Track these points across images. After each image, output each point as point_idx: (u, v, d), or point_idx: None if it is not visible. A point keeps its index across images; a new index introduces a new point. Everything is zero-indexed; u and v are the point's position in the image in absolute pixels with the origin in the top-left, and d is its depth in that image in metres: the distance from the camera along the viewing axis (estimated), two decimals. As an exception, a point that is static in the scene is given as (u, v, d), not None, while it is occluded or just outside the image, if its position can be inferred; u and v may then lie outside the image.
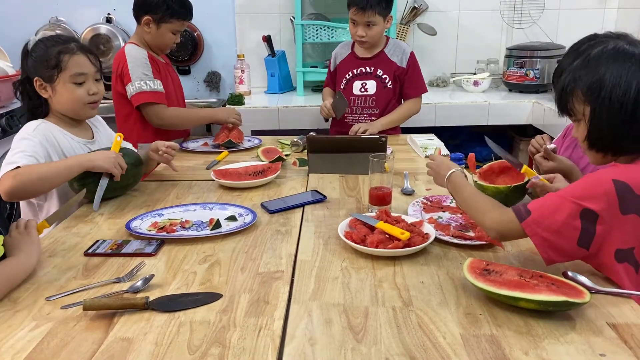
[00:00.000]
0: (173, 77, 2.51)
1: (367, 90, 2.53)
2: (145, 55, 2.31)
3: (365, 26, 2.36)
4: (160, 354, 0.95)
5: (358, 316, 1.06)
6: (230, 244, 1.40)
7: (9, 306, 1.11)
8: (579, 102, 1.17)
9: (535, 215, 1.12)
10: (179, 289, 1.18)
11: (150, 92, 2.28)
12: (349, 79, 2.54)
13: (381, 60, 2.50)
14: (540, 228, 1.12)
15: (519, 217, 1.14)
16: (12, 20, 3.36)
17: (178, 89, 2.54)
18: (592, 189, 1.10)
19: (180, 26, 2.36)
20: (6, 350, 0.97)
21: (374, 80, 2.52)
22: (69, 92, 1.69)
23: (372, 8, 2.30)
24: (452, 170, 1.39)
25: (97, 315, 1.07)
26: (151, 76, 2.29)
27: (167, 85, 2.40)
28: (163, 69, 2.40)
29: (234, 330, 1.02)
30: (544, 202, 1.14)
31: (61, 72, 1.67)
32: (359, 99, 2.54)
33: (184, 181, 1.93)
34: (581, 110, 1.17)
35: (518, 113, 3.09)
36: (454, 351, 0.95)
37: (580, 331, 1.00)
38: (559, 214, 1.10)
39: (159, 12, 2.29)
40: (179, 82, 2.59)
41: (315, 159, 1.99)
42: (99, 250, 1.36)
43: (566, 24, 3.45)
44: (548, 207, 1.12)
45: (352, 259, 1.31)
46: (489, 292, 1.07)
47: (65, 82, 1.68)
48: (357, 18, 2.35)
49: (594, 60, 1.15)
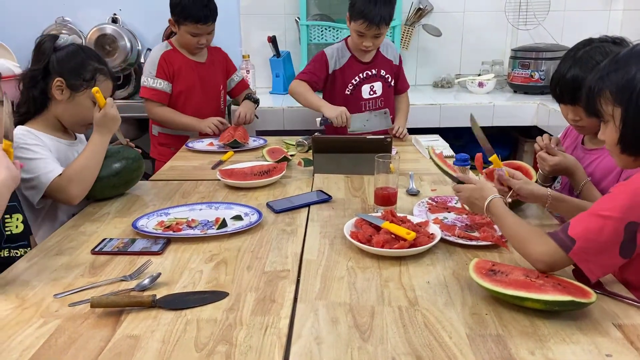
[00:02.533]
0: (205, 73, 2.61)
1: (376, 92, 2.55)
2: (159, 54, 2.51)
3: (373, 37, 2.36)
4: (168, 352, 0.96)
5: (364, 315, 1.06)
6: (236, 243, 1.40)
7: (17, 303, 1.12)
8: (608, 102, 1.13)
9: (581, 244, 1.07)
10: (186, 287, 1.18)
11: (147, 88, 2.51)
12: (356, 84, 2.52)
13: (380, 61, 2.54)
14: (589, 254, 1.07)
15: (564, 248, 1.08)
16: (19, 20, 3.37)
17: (205, 85, 2.61)
18: (634, 200, 1.05)
19: (195, 29, 2.43)
20: (15, 347, 0.97)
21: (380, 82, 2.54)
22: (84, 108, 1.70)
23: (384, 22, 2.31)
24: (489, 199, 1.28)
25: (105, 312, 1.08)
26: (154, 74, 2.50)
27: (184, 81, 2.54)
28: (183, 67, 2.53)
29: (241, 328, 1.02)
30: (586, 226, 1.08)
31: (89, 89, 1.68)
32: (369, 102, 2.54)
33: (190, 181, 1.93)
34: (610, 111, 1.13)
35: (523, 114, 3.09)
36: (460, 351, 0.95)
37: (586, 331, 1.00)
38: (603, 234, 1.06)
39: (175, 13, 2.43)
40: (216, 79, 2.67)
41: (321, 159, 1.99)
42: (106, 248, 1.36)
43: (571, 25, 3.45)
44: (592, 230, 1.07)
45: (357, 259, 1.31)
46: (495, 292, 1.08)
47: (87, 98, 1.70)
48: (367, 31, 2.33)
49: (622, 60, 1.12)
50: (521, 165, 1.67)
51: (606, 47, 1.46)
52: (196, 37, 2.47)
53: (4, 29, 3.31)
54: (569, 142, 1.72)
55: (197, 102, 2.60)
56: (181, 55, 2.56)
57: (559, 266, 1.12)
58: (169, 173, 2.07)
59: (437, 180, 1.89)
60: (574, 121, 1.56)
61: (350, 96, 2.51)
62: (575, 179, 1.52)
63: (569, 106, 1.54)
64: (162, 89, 2.51)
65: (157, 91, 2.51)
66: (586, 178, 1.50)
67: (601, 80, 1.14)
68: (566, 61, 1.51)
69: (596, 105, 1.17)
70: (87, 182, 1.64)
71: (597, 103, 1.16)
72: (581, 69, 1.45)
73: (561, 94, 1.53)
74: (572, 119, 1.56)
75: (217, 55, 2.72)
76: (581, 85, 1.36)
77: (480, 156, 1.65)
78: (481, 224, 1.46)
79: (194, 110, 2.58)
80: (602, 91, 1.14)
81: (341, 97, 2.52)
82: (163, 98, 2.53)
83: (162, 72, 2.51)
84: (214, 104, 2.70)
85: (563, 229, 1.11)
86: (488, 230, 1.40)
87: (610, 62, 1.15)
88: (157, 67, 2.50)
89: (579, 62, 1.47)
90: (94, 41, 3.30)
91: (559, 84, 1.52)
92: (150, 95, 2.51)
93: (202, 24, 2.42)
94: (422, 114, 3.02)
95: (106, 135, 1.71)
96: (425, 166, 2.07)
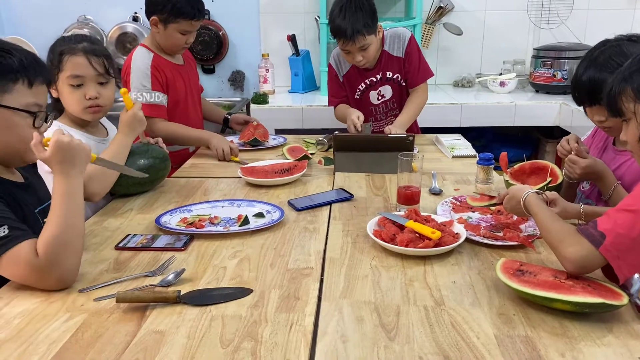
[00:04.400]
0: (188, 78, 2.38)
1: (385, 97, 2.40)
2: (148, 63, 2.20)
3: (359, 51, 2.18)
4: (193, 347, 0.96)
5: (390, 314, 1.05)
6: (259, 241, 1.40)
7: (43, 297, 1.13)
8: (629, 100, 1.12)
9: (612, 239, 1.04)
10: (210, 283, 1.18)
11: (145, 105, 2.10)
12: (362, 90, 2.39)
13: (385, 62, 2.33)
14: (620, 251, 1.04)
15: (594, 243, 1.05)
16: (42, 19, 3.41)
17: (192, 90, 2.40)
18: None
19: (189, 26, 2.20)
20: (42, 340, 0.98)
21: (387, 85, 2.37)
22: (67, 94, 1.65)
23: (359, 33, 2.10)
24: (523, 197, 1.26)
25: (130, 307, 1.08)
26: (149, 88, 2.19)
27: (177, 89, 2.29)
28: (173, 73, 2.28)
29: (266, 325, 1.02)
30: (615, 220, 1.05)
31: (60, 73, 1.63)
32: (380, 107, 2.43)
33: (211, 178, 1.94)
34: (631, 109, 1.12)
35: (545, 114, 3.05)
36: (489, 351, 0.94)
37: (617, 334, 0.98)
38: (635, 230, 1.03)
39: (165, 12, 2.16)
40: (197, 83, 2.49)
41: (342, 158, 1.98)
42: (130, 244, 1.37)
43: (595, 24, 3.39)
44: (622, 225, 1.04)
45: (381, 258, 1.30)
46: (524, 292, 1.06)
47: (64, 84, 1.64)
48: (349, 48, 2.17)
49: None
50: (546, 165, 1.64)
51: (622, 45, 1.42)
52: (185, 36, 2.22)
53: (27, 26, 3.36)
54: (597, 141, 1.68)
55: (189, 110, 2.37)
56: (165, 60, 2.27)
57: (590, 267, 1.08)
58: (190, 170, 2.08)
59: (460, 180, 1.87)
60: (599, 122, 1.53)
61: (360, 101, 2.42)
62: (605, 183, 1.48)
63: (593, 108, 1.51)
64: (160, 103, 2.21)
65: (156, 106, 2.19)
66: (616, 181, 1.47)
67: (624, 79, 1.13)
68: (582, 63, 1.48)
69: (618, 105, 1.15)
70: (108, 182, 1.63)
71: (619, 102, 1.15)
72: (597, 70, 1.42)
73: (580, 96, 1.50)
74: (598, 120, 1.53)
75: (187, 55, 2.47)
76: (598, 87, 1.34)
77: (504, 155, 1.63)
78: (506, 224, 1.44)
79: (185, 120, 2.33)
80: (624, 89, 1.13)
81: (353, 101, 2.44)
82: (163, 112, 2.23)
83: (157, 84, 2.20)
84: (199, 110, 2.49)
85: (592, 224, 1.08)
86: (513, 231, 1.38)
87: (632, 62, 1.14)
88: (151, 78, 2.19)
89: (594, 63, 1.44)
90: (115, 39, 3.34)
91: (577, 87, 1.49)
92: (150, 112, 2.11)
93: (196, 20, 2.21)
94: (442, 113, 3.00)
95: (130, 136, 1.70)
96: (448, 166, 2.05)
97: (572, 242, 1.09)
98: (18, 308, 1.09)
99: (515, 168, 1.65)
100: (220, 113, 2.62)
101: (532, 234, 1.39)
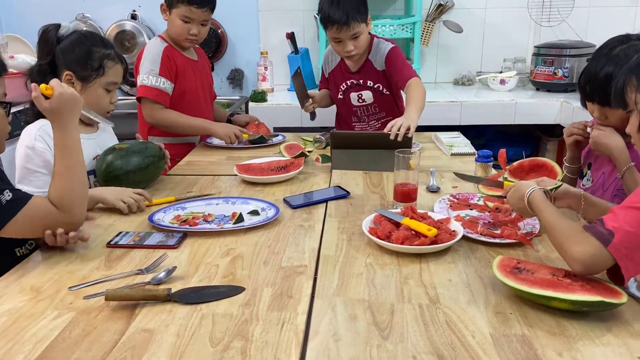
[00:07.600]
0: (201, 75, 2.37)
1: (365, 101, 2.36)
2: (161, 50, 2.20)
3: (351, 40, 2.15)
4: (182, 346, 0.94)
5: (384, 313, 1.03)
6: (253, 238, 1.38)
7: (32, 295, 1.11)
8: (632, 90, 1.10)
9: (621, 237, 1.00)
10: (202, 281, 1.16)
11: (150, 87, 2.16)
12: (344, 90, 2.38)
13: (367, 70, 2.30)
14: (629, 250, 1.00)
15: (603, 242, 1.01)
16: (39, 16, 3.36)
17: (204, 87, 2.39)
18: None
19: (189, 12, 2.15)
20: (28, 339, 0.96)
21: (368, 90, 2.34)
22: (98, 97, 1.67)
23: (354, 19, 2.09)
24: (527, 194, 1.22)
25: (119, 305, 1.06)
26: (157, 72, 2.17)
27: (186, 79, 2.27)
28: (185, 66, 2.26)
29: (257, 323, 1.00)
30: (623, 218, 1.02)
31: (100, 77, 1.65)
32: (361, 109, 2.40)
33: (207, 175, 1.92)
34: (634, 99, 1.10)
35: (546, 112, 3.02)
36: (484, 350, 0.91)
37: (616, 333, 0.96)
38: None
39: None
40: (210, 84, 2.47)
41: (339, 155, 1.96)
42: (122, 241, 1.35)
43: (596, 22, 3.36)
44: (630, 222, 1.00)
45: (376, 255, 1.28)
46: (521, 291, 1.04)
47: (99, 87, 1.66)
48: (342, 35, 2.13)
49: None
50: (546, 162, 1.62)
51: None
52: (187, 25, 2.18)
53: (25, 24, 3.34)
54: None
55: (200, 104, 2.35)
56: (178, 52, 2.26)
57: (598, 267, 1.03)
58: (186, 168, 2.06)
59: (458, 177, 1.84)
60: (599, 119, 1.52)
61: (342, 101, 2.42)
62: (620, 161, 1.45)
63: (596, 105, 1.48)
64: (164, 89, 2.18)
65: (160, 91, 2.17)
66: (630, 162, 1.43)
67: (630, 70, 1.12)
68: (599, 59, 1.44)
69: (623, 96, 1.13)
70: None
71: (624, 93, 1.13)
72: (616, 67, 1.37)
73: (592, 92, 1.47)
74: (598, 117, 1.51)
75: (204, 57, 2.48)
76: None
77: (503, 152, 1.60)
78: (504, 221, 1.42)
79: (195, 114, 2.30)
80: (629, 80, 1.11)
81: (336, 100, 2.46)
82: (165, 100, 2.20)
83: (166, 70, 2.18)
84: (211, 108, 2.47)
85: (600, 221, 1.04)
86: (511, 228, 1.36)
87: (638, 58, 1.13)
88: (161, 64, 2.17)
89: (613, 60, 1.40)
90: (114, 37, 3.33)
91: (590, 82, 1.46)
92: (152, 95, 2.15)
93: (197, 7, 2.15)
94: (442, 111, 2.98)
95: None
96: (446, 163, 2.03)
97: (579, 241, 1.04)
98: (5, 306, 1.07)
99: (515, 165, 1.63)
100: (224, 114, 2.60)
101: (530, 231, 1.36)
